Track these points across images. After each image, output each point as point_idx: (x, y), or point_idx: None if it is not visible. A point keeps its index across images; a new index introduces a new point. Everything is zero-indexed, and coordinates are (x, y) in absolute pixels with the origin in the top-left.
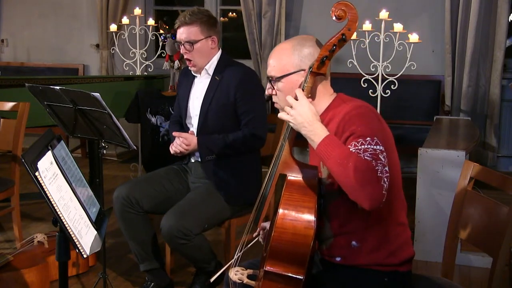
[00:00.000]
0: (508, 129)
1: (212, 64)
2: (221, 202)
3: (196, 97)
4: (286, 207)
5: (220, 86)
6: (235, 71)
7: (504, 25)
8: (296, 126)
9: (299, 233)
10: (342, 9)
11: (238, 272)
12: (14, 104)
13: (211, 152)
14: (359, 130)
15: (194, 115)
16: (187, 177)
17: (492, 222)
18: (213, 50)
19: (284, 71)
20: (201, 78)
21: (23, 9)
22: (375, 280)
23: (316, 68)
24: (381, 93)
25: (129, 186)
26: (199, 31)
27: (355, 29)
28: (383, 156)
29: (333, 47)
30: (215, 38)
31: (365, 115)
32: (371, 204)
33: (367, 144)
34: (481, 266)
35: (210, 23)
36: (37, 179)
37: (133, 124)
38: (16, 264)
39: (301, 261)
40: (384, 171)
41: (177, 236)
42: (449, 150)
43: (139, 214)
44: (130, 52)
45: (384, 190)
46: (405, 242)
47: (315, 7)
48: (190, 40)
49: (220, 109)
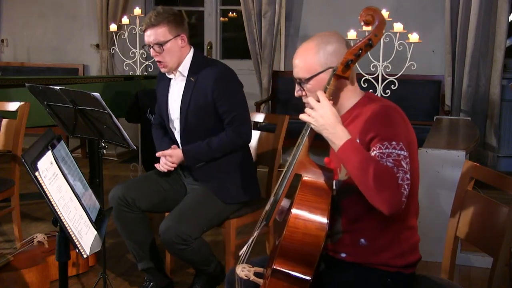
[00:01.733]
0: (508, 129)
1: (185, 65)
2: (219, 203)
3: (174, 100)
4: (299, 207)
5: (196, 87)
6: (209, 70)
7: (504, 25)
8: (318, 128)
9: (311, 234)
10: (371, 14)
11: (245, 269)
12: (14, 104)
13: (199, 161)
14: (384, 133)
15: (175, 118)
16: (183, 177)
17: (492, 222)
18: (184, 48)
19: (312, 71)
20: (177, 80)
21: (23, 9)
22: (378, 279)
23: (341, 71)
24: (381, 93)
25: (125, 186)
26: (167, 31)
27: (382, 35)
28: (405, 162)
29: (359, 51)
30: (184, 36)
31: (392, 117)
32: (390, 211)
33: (391, 148)
34: (481, 266)
35: (177, 22)
36: (37, 179)
37: (133, 124)
38: (16, 264)
39: (310, 261)
40: (405, 178)
41: (176, 242)
42: (449, 150)
43: (135, 214)
44: (130, 52)
45: (404, 197)
46: (413, 246)
47: (315, 7)
48: (158, 41)
49: (199, 110)
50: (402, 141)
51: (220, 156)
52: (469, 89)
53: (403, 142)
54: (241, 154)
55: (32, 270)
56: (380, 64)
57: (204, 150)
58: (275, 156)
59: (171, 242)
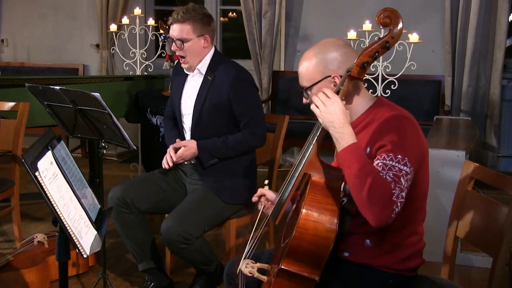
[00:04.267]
0: (508, 129)
1: (204, 63)
2: (220, 203)
3: (188, 96)
4: (310, 208)
5: (213, 86)
6: (227, 70)
7: (504, 25)
8: (325, 124)
9: (320, 235)
10: (388, 16)
11: (248, 265)
12: (14, 104)
13: (213, 157)
14: (393, 144)
15: (187, 113)
16: (183, 178)
17: (492, 222)
18: (206, 49)
19: (312, 80)
20: (194, 77)
21: (23, 9)
22: (380, 280)
23: (357, 73)
24: (381, 93)
25: (124, 187)
26: (191, 30)
27: (399, 37)
28: (405, 180)
29: (375, 53)
30: (208, 37)
31: (403, 128)
32: (376, 224)
33: (395, 162)
34: (481, 266)
35: (203, 22)
36: (37, 179)
37: (133, 124)
38: (16, 264)
39: (318, 262)
40: (400, 196)
41: (177, 241)
42: (449, 150)
43: (135, 215)
44: (130, 52)
45: (394, 214)
46: (417, 252)
47: (315, 7)
48: (181, 38)
49: (213, 108)
50: (409, 156)
51: (234, 156)
52: (469, 89)
53: (409, 157)
54: (249, 157)
55: (32, 270)
56: (380, 64)
57: (219, 146)
58: (275, 156)
59: (172, 241)
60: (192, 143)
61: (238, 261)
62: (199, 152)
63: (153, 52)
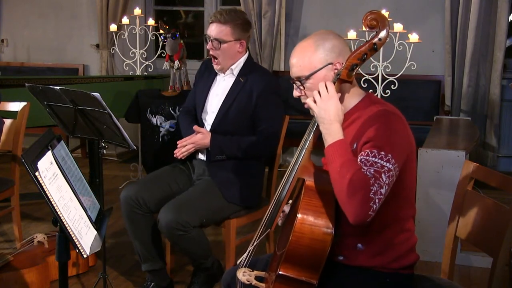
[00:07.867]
0: (508, 129)
1: (238, 65)
2: (220, 199)
3: (217, 94)
4: (305, 212)
5: (244, 88)
6: (260, 76)
7: (504, 25)
8: (317, 119)
9: (317, 239)
10: (375, 18)
11: (246, 273)
12: (14, 104)
13: (222, 153)
14: (378, 140)
15: (211, 111)
16: (191, 175)
17: (492, 222)
18: (240, 53)
19: (312, 68)
20: (225, 77)
21: (23, 9)
22: (377, 280)
23: (346, 76)
24: (381, 93)
25: (137, 187)
26: (230, 32)
27: (386, 40)
28: (386, 176)
29: (363, 56)
30: (244, 42)
31: (390, 124)
32: (354, 221)
33: (378, 158)
34: (481, 266)
35: (243, 28)
36: (37, 179)
37: (133, 124)
38: (16, 264)
39: (316, 266)
40: (379, 192)
41: (174, 227)
42: (449, 150)
43: (146, 215)
44: (130, 52)
45: (372, 211)
46: (409, 249)
47: (315, 7)
48: (218, 38)
49: (240, 110)
50: (393, 152)
51: (241, 157)
52: (469, 89)
53: (393, 153)
54: (258, 163)
55: (32, 270)
56: (380, 64)
57: (230, 145)
58: (275, 156)
59: (169, 227)
60: (208, 134)
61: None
62: (210, 143)
63: (153, 52)
